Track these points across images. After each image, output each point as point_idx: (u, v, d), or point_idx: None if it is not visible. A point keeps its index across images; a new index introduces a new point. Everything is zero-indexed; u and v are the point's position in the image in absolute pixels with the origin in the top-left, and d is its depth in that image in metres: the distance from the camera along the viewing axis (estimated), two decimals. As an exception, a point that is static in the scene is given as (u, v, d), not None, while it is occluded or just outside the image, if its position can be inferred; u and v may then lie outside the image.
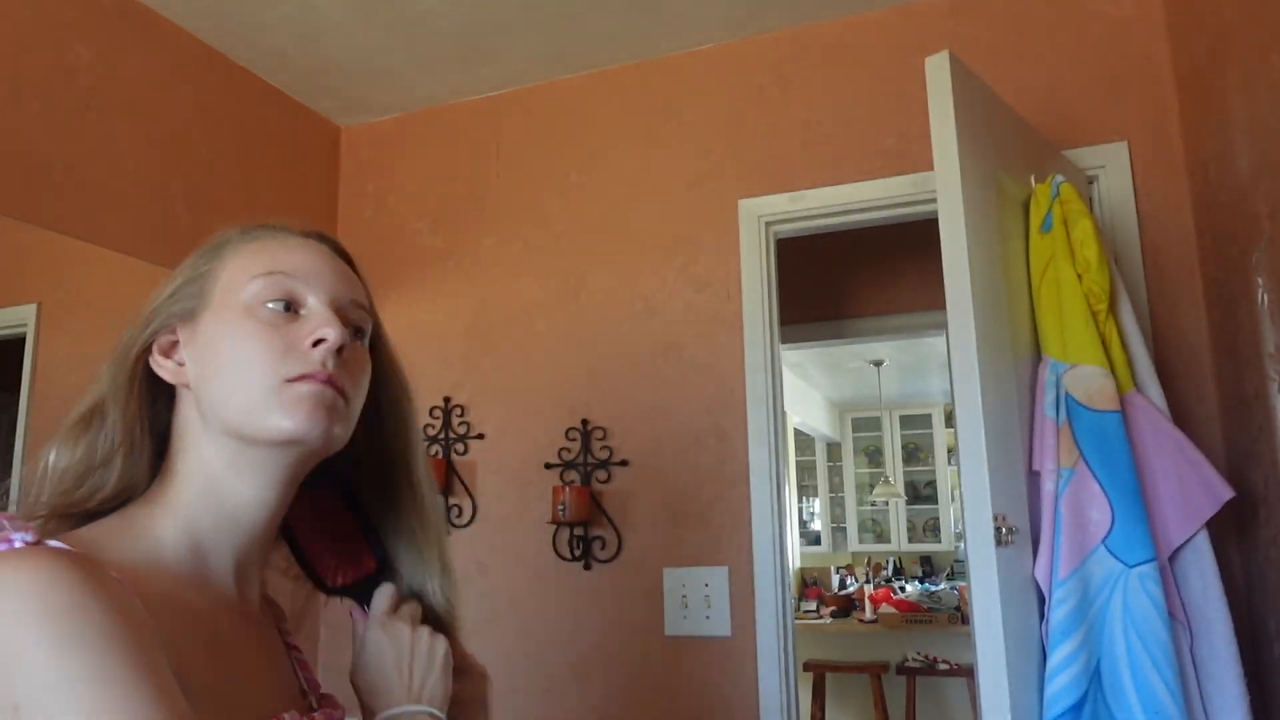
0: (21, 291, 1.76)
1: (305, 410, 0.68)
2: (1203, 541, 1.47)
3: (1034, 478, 1.48)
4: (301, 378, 0.69)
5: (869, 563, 7.58)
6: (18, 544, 0.57)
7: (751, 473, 2.05)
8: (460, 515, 2.31)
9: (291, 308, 0.72)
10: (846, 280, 3.31)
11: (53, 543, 0.59)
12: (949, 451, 7.77)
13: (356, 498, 0.84)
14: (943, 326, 1.82)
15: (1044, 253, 1.58)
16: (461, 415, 2.36)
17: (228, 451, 0.70)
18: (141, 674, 0.53)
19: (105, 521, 0.69)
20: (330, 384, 0.70)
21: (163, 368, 0.73)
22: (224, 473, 0.71)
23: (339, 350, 0.71)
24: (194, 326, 0.73)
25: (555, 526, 2.19)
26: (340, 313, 0.73)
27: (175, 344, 0.74)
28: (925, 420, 7.96)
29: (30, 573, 0.54)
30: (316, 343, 0.70)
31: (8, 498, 0.79)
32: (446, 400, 2.38)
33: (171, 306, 0.74)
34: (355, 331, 0.76)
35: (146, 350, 0.74)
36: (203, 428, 0.71)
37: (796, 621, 2.34)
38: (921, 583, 6.75)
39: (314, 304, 0.73)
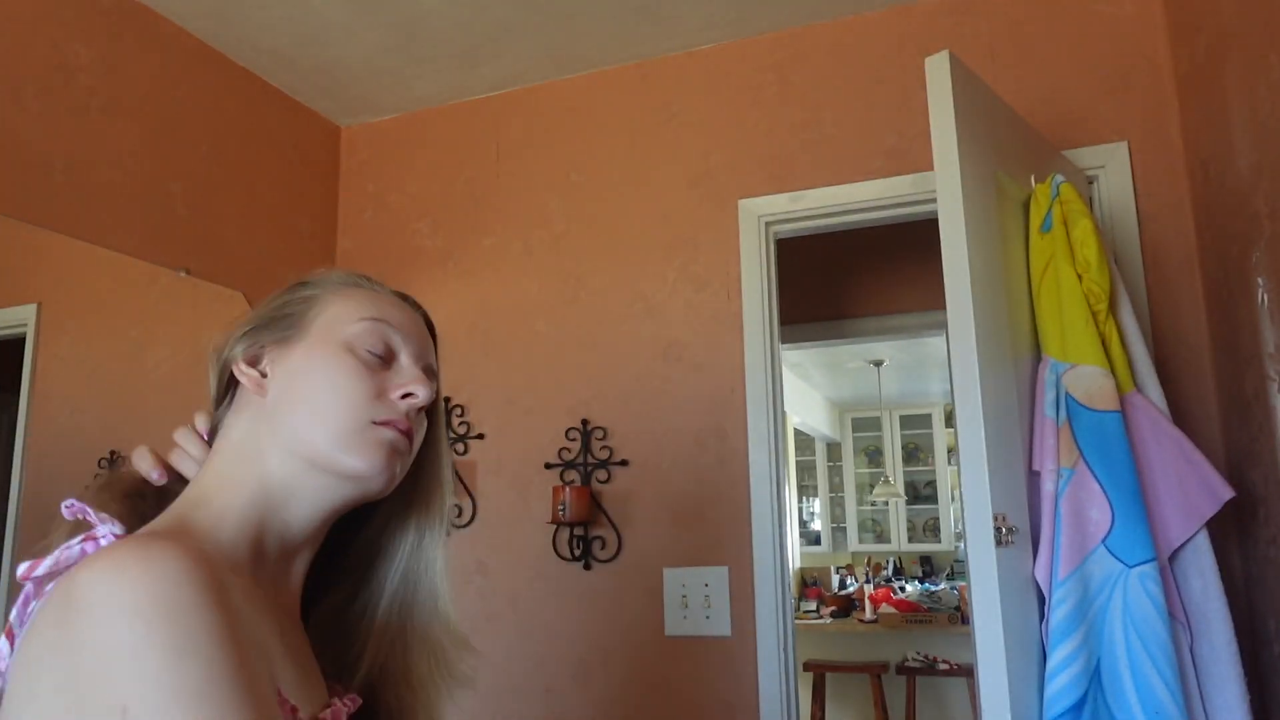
0: (21, 291, 1.76)
1: (383, 454, 0.74)
2: (1203, 541, 1.47)
3: (1034, 478, 1.48)
4: (387, 423, 0.75)
5: (869, 563, 7.57)
6: (108, 538, 0.59)
7: (751, 473, 2.05)
8: (460, 515, 2.31)
9: (386, 358, 0.78)
10: (846, 280, 3.31)
11: (144, 535, 0.61)
12: (949, 451, 7.77)
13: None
14: (943, 326, 1.82)
15: (1044, 253, 1.58)
16: (461, 415, 2.36)
17: (291, 472, 0.74)
18: (245, 686, 0.54)
19: (167, 515, 0.71)
20: (408, 436, 0.76)
21: (245, 374, 0.77)
22: (280, 490, 0.74)
23: (422, 409, 0.78)
24: (287, 349, 0.77)
25: (555, 526, 2.19)
26: (425, 373, 0.80)
27: (260, 358, 0.78)
28: (925, 420, 7.96)
29: (145, 567, 0.54)
30: (405, 395, 0.76)
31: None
32: (446, 400, 2.38)
33: (269, 327, 0.78)
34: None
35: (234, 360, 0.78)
36: (270, 444, 0.74)
37: (796, 621, 2.35)
38: (921, 583, 6.75)
39: (406, 360, 0.79)
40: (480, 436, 2.33)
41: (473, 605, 2.23)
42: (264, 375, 0.77)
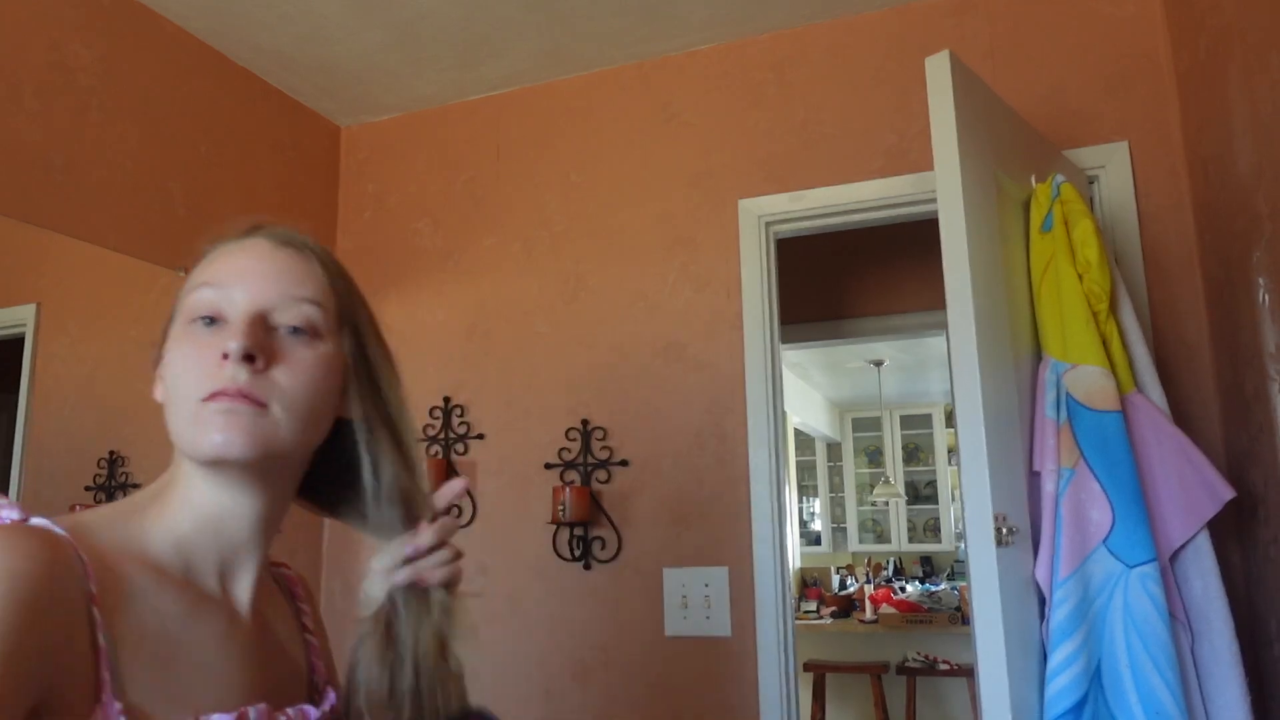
0: (21, 291, 1.76)
1: (218, 428, 0.67)
2: (1203, 541, 1.47)
3: (1034, 478, 1.48)
4: (213, 396, 0.67)
5: (869, 563, 7.57)
6: (3, 519, 0.61)
7: (751, 473, 2.05)
8: (460, 515, 2.31)
9: (215, 321, 0.70)
10: (846, 280, 3.31)
11: (35, 521, 0.62)
12: (949, 451, 7.77)
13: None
14: (943, 326, 1.82)
15: (1044, 253, 1.58)
16: (461, 415, 2.36)
17: (188, 467, 0.72)
18: None
19: (116, 505, 0.72)
20: (244, 398, 0.67)
21: (154, 381, 0.74)
22: (199, 483, 0.72)
23: (251, 359, 0.68)
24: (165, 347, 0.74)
25: (555, 526, 2.19)
26: (263, 316, 0.70)
27: (160, 360, 0.75)
28: (925, 420, 7.96)
29: None
30: (224, 357, 0.68)
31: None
32: (446, 400, 2.38)
33: (167, 323, 0.76)
34: (294, 330, 0.72)
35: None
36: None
37: (796, 621, 2.35)
38: (921, 583, 6.75)
39: (232, 315, 0.70)
40: (480, 436, 2.33)
41: (473, 605, 2.22)
42: (160, 380, 0.74)
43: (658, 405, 2.17)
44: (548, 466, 2.24)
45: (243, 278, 0.71)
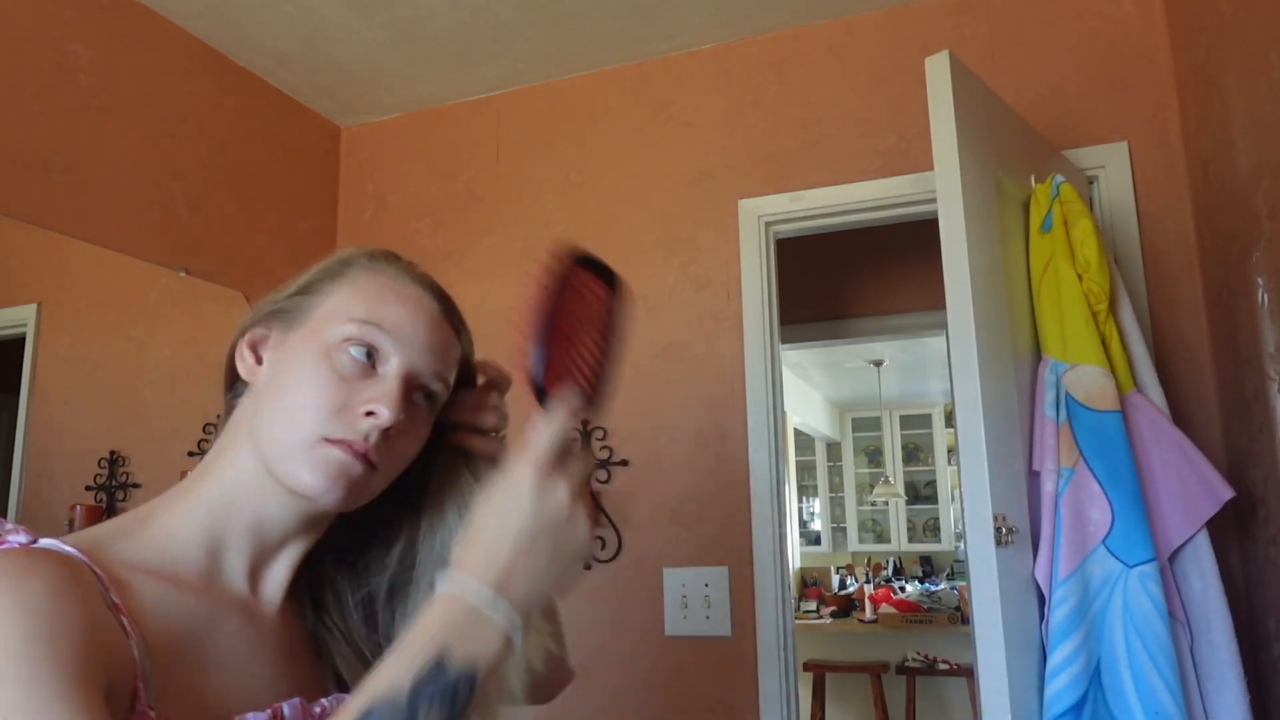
0: (21, 291, 1.76)
1: (329, 476, 0.68)
2: (1203, 541, 1.47)
3: (1034, 478, 1.48)
4: (339, 442, 0.68)
5: (869, 563, 7.57)
6: (12, 544, 0.59)
7: (751, 473, 2.05)
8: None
9: (372, 359, 0.72)
10: (846, 280, 3.31)
11: (42, 544, 0.60)
12: (949, 451, 7.77)
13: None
14: (943, 326, 1.82)
15: (1044, 253, 1.58)
16: (461, 415, 2.36)
17: (252, 471, 0.71)
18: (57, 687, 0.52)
19: (123, 518, 0.70)
20: (365, 459, 0.69)
21: (243, 359, 0.74)
22: (253, 484, 0.71)
23: (389, 430, 0.70)
24: (287, 338, 0.73)
25: (555, 526, 2.19)
26: (413, 380, 0.73)
27: (264, 342, 0.74)
28: (925, 420, 7.96)
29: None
30: (368, 413, 0.69)
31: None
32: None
33: (282, 312, 0.75)
34: (426, 395, 0.75)
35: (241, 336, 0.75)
36: (247, 436, 0.72)
37: (796, 621, 2.35)
38: (921, 583, 6.75)
39: (389, 370, 0.72)
40: (480, 436, 2.33)
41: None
42: (259, 361, 0.74)
43: (658, 405, 2.17)
44: (548, 466, 2.23)
45: (412, 337, 0.74)
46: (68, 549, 0.61)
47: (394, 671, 0.56)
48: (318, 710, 0.70)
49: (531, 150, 2.43)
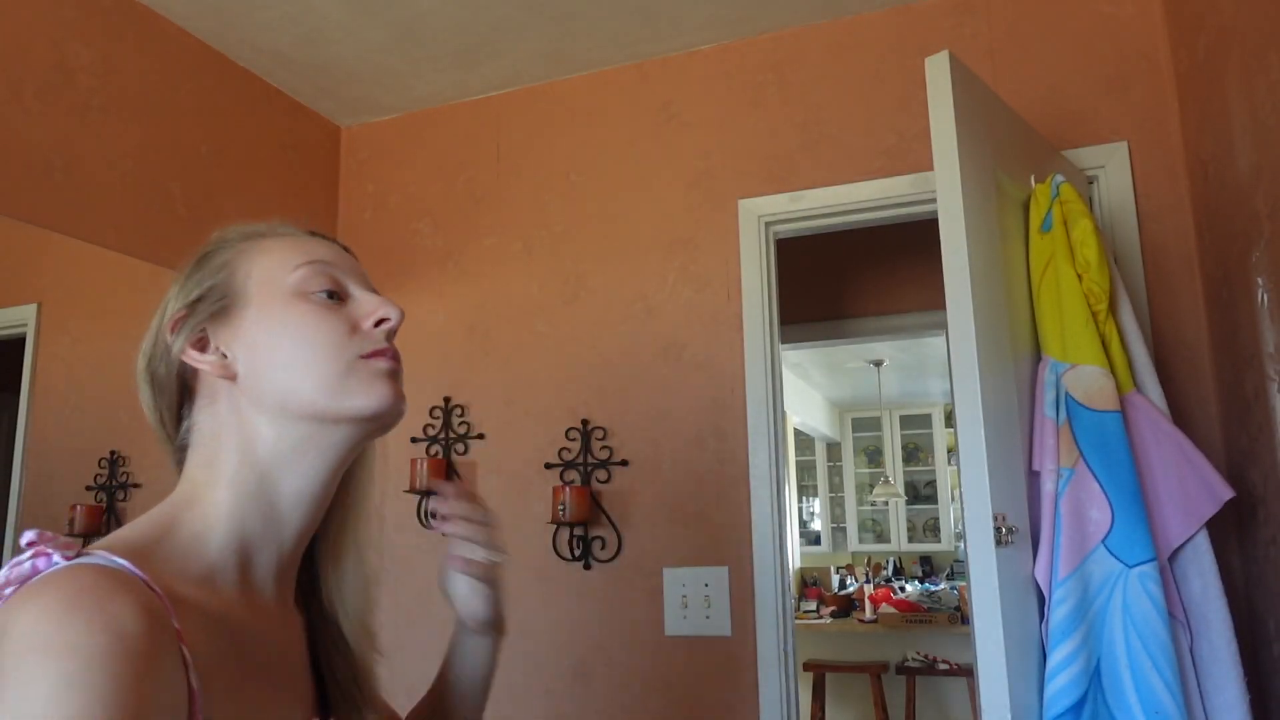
0: (21, 291, 1.76)
1: (384, 385, 0.71)
2: (1202, 541, 1.47)
3: (1034, 478, 1.48)
4: (375, 354, 0.72)
5: (869, 563, 7.58)
6: (59, 561, 0.56)
7: (751, 473, 2.05)
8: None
9: (339, 294, 0.74)
10: (846, 280, 3.31)
11: (97, 558, 0.57)
12: (949, 451, 7.77)
13: None
14: (943, 326, 1.82)
15: (1044, 253, 1.59)
16: (461, 415, 2.36)
17: (292, 436, 0.70)
18: None
19: (144, 526, 0.67)
20: (395, 358, 0.73)
21: (205, 361, 0.71)
22: (282, 465, 0.70)
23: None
24: (233, 323, 0.72)
25: (555, 526, 2.19)
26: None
27: (207, 342, 0.73)
28: (925, 420, 7.96)
29: (68, 619, 0.51)
30: (379, 321, 0.73)
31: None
32: (446, 400, 2.38)
33: (197, 309, 0.73)
34: None
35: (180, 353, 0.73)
36: (257, 417, 0.70)
37: (796, 621, 2.35)
38: (921, 583, 6.75)
39: (358, 291, 0.75)
40: (480, 436, 2.33)
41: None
42: (224, 356, 0.72)
43: (658, 405, 2.17)
44: (548, 466, 2.24)
45: (349, 264, 0.77)
46: (124, 565, 0.58)
47: None
48: None
49: (531, 150, 2.43)
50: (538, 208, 2.39)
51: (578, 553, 2.17)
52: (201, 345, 0.72)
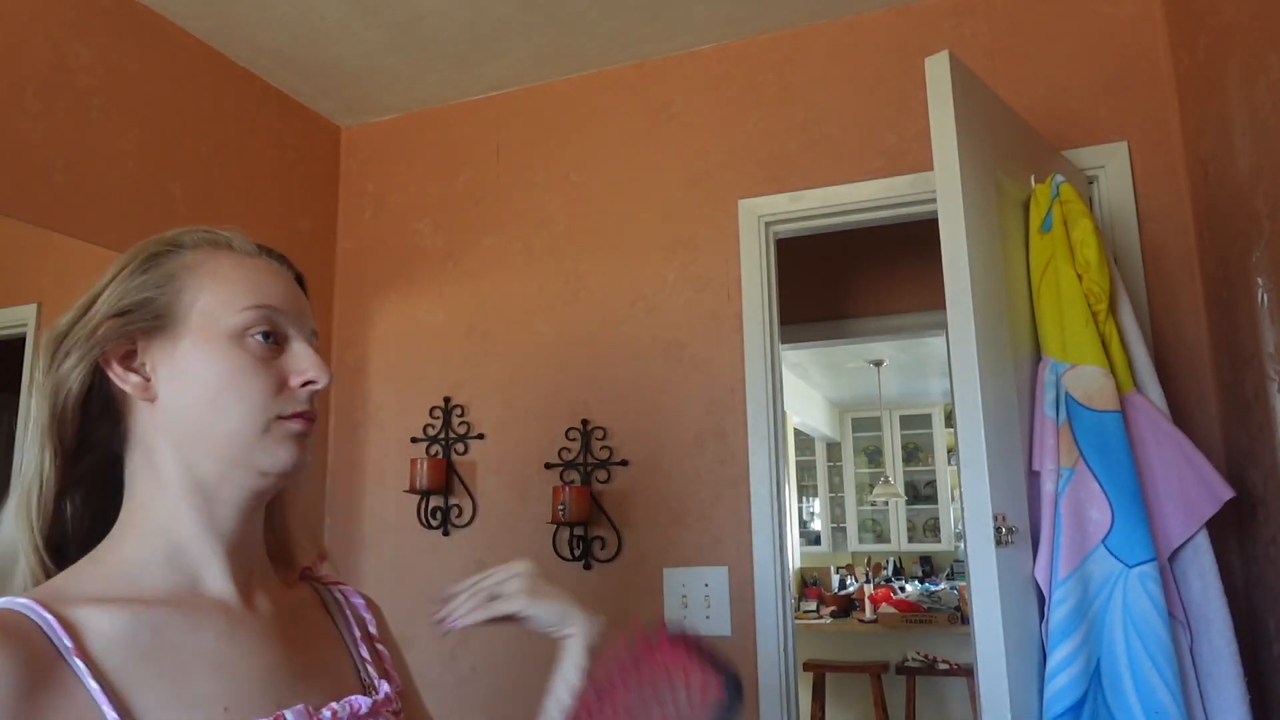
0: (21, 291, 1.76)
1: (291, 447, 0.73)
2: (1202, 541, 1.47)
3: (1034, 478, 1.48)
4: (294, 416, 0.73)
5: (869, 563, 7.58)
6: None
7: (751, 473, 2.05)
8: (460, 515, 2.31)
9: (277, 340, 0.75)
10: (846, 280, 3.31)
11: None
12: (949, 451, 7.77)
13: None
14: (943, 326, 1.82)
15: (1044, 253, 1.59)
16: (461, 415, 2.36)
17: (204, 473, 0.72)
18: None
19: (80, 563, 0.71)
20: (312, 420, 0.75)
21: (125, 381, 0.72)
22: (209, 484, 0.72)
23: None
24: (167, 343, 0.72)
25: (555, 526, 2.19)
26: (312, 345, 0.78)
27: (132, 354, 0.73)
28: (925, 420, 7.96)
29: None
30: (306, 383, 0.74)
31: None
32: (446, 400, 2.38)
33: (134, 315, 0.72)
34: None
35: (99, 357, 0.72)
36: (168, 449, 0.72)
37: (796, 621, 2.34)
38: (921, 583, 6.75)
39: (297, 344, 0.76)
40: (480, 436, 2.33)
41: (473, 605, 2.23)
42: (146, 378, 0.72)
43: (658, 405, 2.17)
44: (548, 466, 2.24)
45: (297, 310, 0.77)
46: (18, 601, 0.63)
47: None
48: (327, 715, 0.71)
49: (531, 150, 2.43)
50: (538, 208, 2.39)
51: (578, 553, 2.17)
52: (128, 358, 0.72)
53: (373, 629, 0.87)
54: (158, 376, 0.72)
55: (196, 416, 0.71)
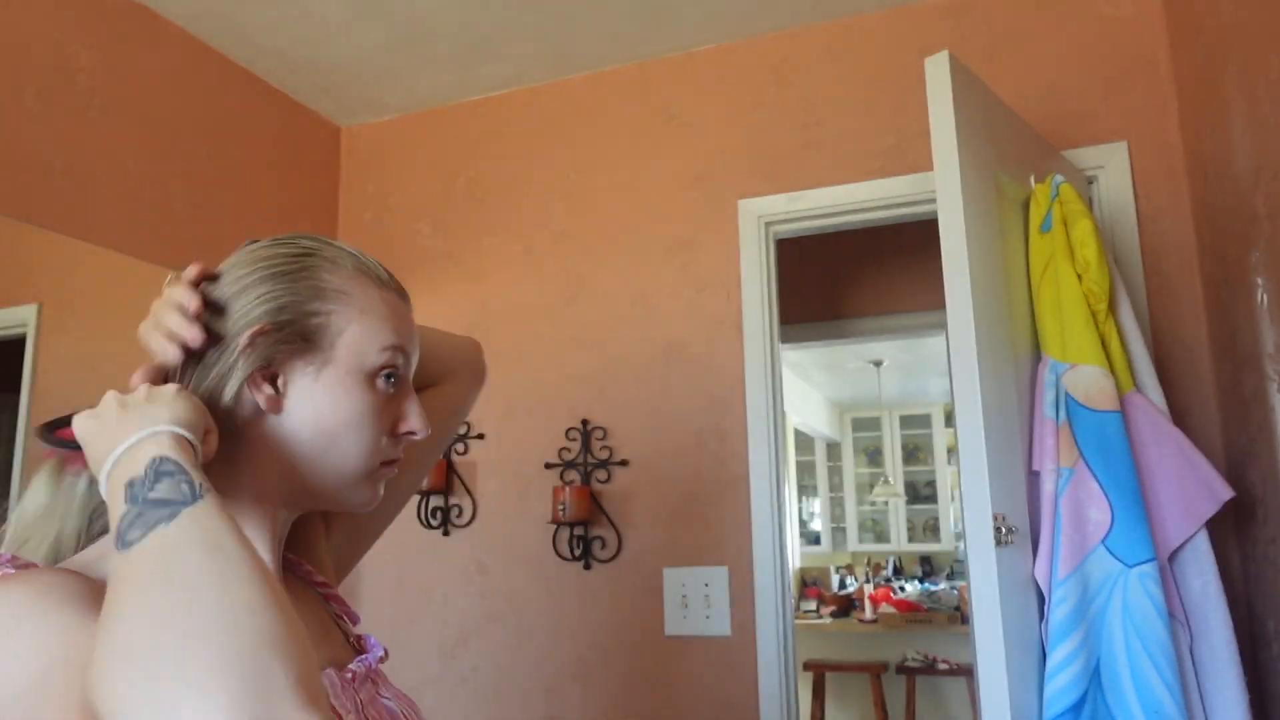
0: (21, 291, 1.76)
1: (376, 490, 0.77)
2: (1202, 541, 1.47)
3: (1034, 478, 1.48)
4: (389, 464, 0.77)
5: (869, 563, 7.58)
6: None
7: (751, 473, 2.05)
8: (460, 515, 2.31)
9: (395, 381, 0.77)
10: (846, 280, 3.31)
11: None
12: (949, 451, 7.77)
13: None
14: (943, 326, 1.82)
15: (1044, 253, 1.59)
16: (461, 415, 2.36)
17: (291, 486, 0.73)
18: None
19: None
20: (395, 466, 0.79)
21: (260, 390, 0.71)
22: (291, 497, 0.75)
23: None
24: (309, 368, 0.72)
25: (555, 526, 2.19)
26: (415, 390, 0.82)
27: (277, 372, 0.72)
28: (925, 420, 7.95)
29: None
30: (408, 433, 0.77)
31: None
32: (446, 400, 2.38)
33: (286, 332, 0.72)
34: None
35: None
36: (278, 458, 0.72)
37: (796, 621, 2.35)
38: (921, 583, 6.75)
39: (409, 390, 0.79)
40: (480, 436, 2.33)
41: (473, 605, 2.23)
42: (279, 392, 0.72)
43: (658, 405, 2.17)
44: (548, 466, 2.24)
45: (414, 345, 0.80)
46: (62, 569, 0.64)
47: None
48: (349, 676, 0.74)
49: (531, 150, 2.43)
50: (538, 208, 2.39)
51: (578, 552, 2.17)
52: (268, 368, 0.71)
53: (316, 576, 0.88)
54: (289, 393, 0.72)
55: (311, 442, 0.72)
